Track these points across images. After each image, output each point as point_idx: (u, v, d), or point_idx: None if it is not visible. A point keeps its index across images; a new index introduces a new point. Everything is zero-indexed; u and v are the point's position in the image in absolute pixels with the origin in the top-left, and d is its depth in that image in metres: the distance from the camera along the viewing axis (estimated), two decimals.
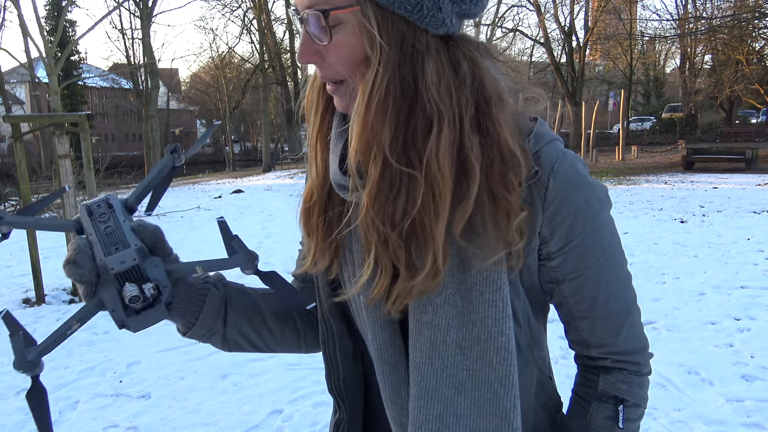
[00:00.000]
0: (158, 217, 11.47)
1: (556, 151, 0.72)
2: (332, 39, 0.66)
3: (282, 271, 0.71)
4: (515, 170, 0.68)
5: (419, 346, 0.73)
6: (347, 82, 0.70)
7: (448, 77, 0.66)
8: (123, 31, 28.08)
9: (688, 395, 3.07)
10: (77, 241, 0.67)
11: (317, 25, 0.66)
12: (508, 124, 0.68)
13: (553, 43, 29.42)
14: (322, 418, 2.99)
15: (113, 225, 0.66)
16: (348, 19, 0.65)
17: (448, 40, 0.67)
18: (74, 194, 5.46)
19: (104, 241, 0.65)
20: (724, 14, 21.85)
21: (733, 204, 9.72)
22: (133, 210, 0.71)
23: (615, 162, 20.15)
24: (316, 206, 0.79)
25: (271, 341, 0.89)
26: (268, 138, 27.72)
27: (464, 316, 0.72)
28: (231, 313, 0.83)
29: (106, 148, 40.30)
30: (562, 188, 0.71)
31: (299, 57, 0.70)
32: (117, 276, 0.63)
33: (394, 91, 0.65)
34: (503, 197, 0.67)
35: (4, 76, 27.94)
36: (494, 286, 0.71)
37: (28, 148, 26.51)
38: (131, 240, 0.65)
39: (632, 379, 0.80)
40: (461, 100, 0.66)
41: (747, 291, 4.82)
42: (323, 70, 0.71)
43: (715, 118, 33.63)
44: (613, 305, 0.77)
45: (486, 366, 0.72)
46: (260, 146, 38.37)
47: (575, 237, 0.73)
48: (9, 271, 6.95)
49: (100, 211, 0.68)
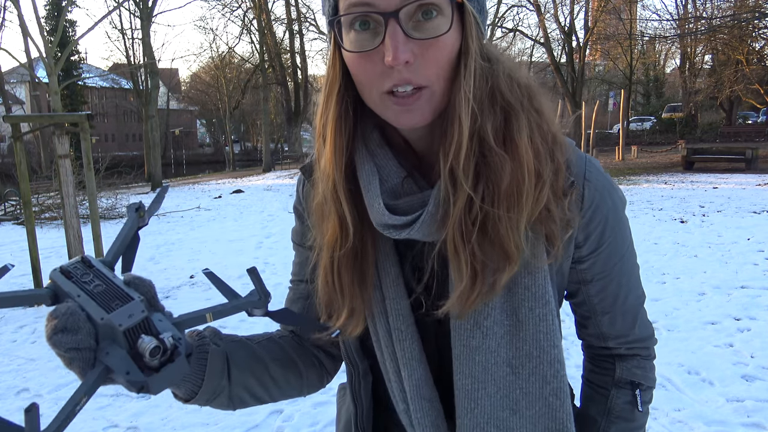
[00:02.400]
0: (158, 218, 11.47)
1: (582, 158, 0.75)
2: (450, 29, 0.64)
3: (282, 271, 0.70)
4: (562, 152, 0.71)
5: (470, 372, 0.72)
6: (428, 89, 0.65)
7: (505, 74, 0.69)
8: (123, 31, 28.08)
9: (688, 395, 3.07)
10: (62, 306, 0.57)
11: (415, 20, 0.63)
12: (550, 115, 0.72)
13: (553, 43, 29.42)
14: (322, 418, 2.99)
15: (103, 282, 0.59)
16: (449, 13, 0.64)
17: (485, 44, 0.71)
18: (74, 194, 5.46)
19: (100, 299, 0.58)
20: (724, 14, 21.85)
21: (733, 204, 9.72)
22: (113, 268, 0.65)
23: (615, 162, 20.14)
24: (350, 255, 0.74)
25: (276, 391, 0.84)
26: (268, 138, 27.68)
27: (513, 334, 0.72)
28: (234, 369, 0.77)
29: (106, 148, 40.28)
30: (596, 195, 0.74)
31: (396, 56, 0.61)
32: (126, 333, 0.56)
33: (482, 87, 0.67)
34: (552, 209, 0.69)
35: (4, 76, 27.94)
36: (543, 300, 0.71)
37: (28, 148, 26.51)
38: (131, 293, 0.59)
39: (645, 364, 0.84)
40: (519, 94, 0.70)
41: (747, 291, 4.82)
42: (411, 71, 0.64)
43: (715, 118, 33.63)
44: (631, 299, 0.81)
45: (539, 381, 0.73)
46: (260, 146, 38.36)
47: (605, 240, 0.75)
48: (9, 271, 6.94)
49: (79, 272, 0.60)
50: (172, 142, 45.82)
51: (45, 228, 10.13)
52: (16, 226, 10.62)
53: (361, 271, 0.75)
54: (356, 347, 0.81)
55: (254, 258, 7.00)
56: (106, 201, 12.16)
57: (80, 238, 5.47)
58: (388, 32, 0.62)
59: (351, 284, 0.75)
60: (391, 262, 0.76)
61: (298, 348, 0.88)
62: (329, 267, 0.75)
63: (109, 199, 12.42)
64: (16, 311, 5.16)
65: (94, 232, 5.50)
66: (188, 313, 0.63)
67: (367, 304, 0.76)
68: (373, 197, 0.70)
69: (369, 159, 0.73)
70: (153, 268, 6.81)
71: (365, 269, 0.75)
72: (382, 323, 0.76)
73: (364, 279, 0.75)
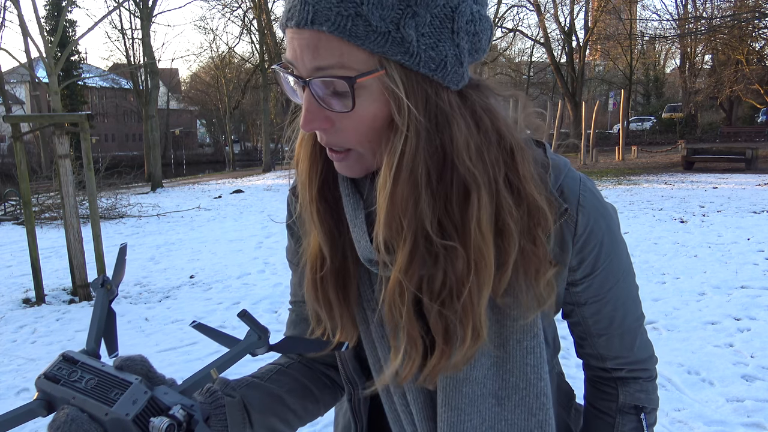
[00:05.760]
0: (158, 218, 11.48)
1: (576, 182, 0.72)
2: (355, 106, 0.59)
3: (283, 271, 0.70)
4: (543, 226, 0.66)
5: (456, 404, 0.71)
6: (355, 151, 0.65)
7: (476, 136, 0.61)
8: (123, 31, 28.08)
9: (688, 395, 3.07)
10: (60, 414, 0.53)
11: (332, 89, 0.60)
12: (533, 177, 0.65)
13: (553, 43, 29.44)
14: (322, 418, 2.98)
15: (93, 375, 0.57)
16: (370, 84, 0.59)
17: (463, 93, 0.63)
18: (74, 194, 5.46)
19: (96, 395, 0.55)
20: (724, 14, 21.86)
21: (733, 204, 9.72)
22: (97, 355, 0.62)
23: (615, 162, 20.14)
24: (331, 276, 0.72)
25: (297, 422, 0.83)
26: (268, 138, 27.67)
27: (500, 366, 0.71)
28: (254, 413, 0.76)
29: (106, 148, 40.36)
30: (590, 220, 0.71)
31: (305, 124, 0.61)
32: (135, 420, 0.54)
33: (425, 159, 0.59)
34: (532, 253, 0.66)
35: (4, 76, 27.92)
36: (531, 333, 0.70)
37: (28, 148, 26.52)
38: (127, 377, 0.56)
39: (648, 387, 0.82)
40: (491, 159, 0.62)
41: (747, 291, 4.82)
42: (331, 136, 0.63)
43: (715, 118, 33.64)
44: (629, 321, 0.78)
45: (525, 413, 0.72)
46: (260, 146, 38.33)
47: (600, 265, 0.74)
48: (9, 271, 6.94)
49: (65, 372, 0.57)
50: (172, 142, 45.78)
51: (45, 228, 10.13)
52: (16, 226, 10.62)
53: (344, 288, 0.73)
54: (354, 367, 0.80)
55: (254, 258, 7.00)
56: (106, 201, 12.16)
57: (80, 238, 5.47)
58: (304, 96, 0.61)
59: (336, 300, 0.73)
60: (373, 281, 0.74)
61: (308, 373, 0.86)
62: (311, 285, 0.74)
63: (109, 199, 12.42)
64: (16, 312, 5.16)
65: (94, 232, 5.50)
66: (192, 376, 0.61)
67: (353, 320, 0.75)
68: (360, 233, 0.69)
69: (353, 191, 0.71)
70: (153, 268, 6.81)
71: (348, 286, 0.73)
72: (369, 340, 0.76)
73: (347, 295, 0.74)
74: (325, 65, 0.58)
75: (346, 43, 0.57)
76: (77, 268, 5.49)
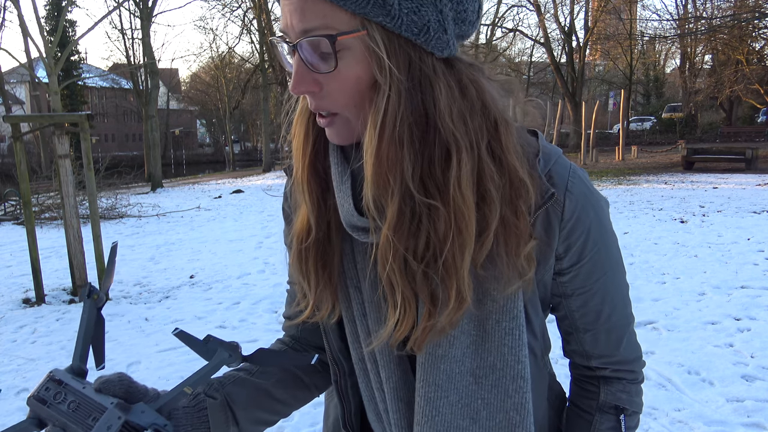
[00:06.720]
0: (158, 218, 11.48)
1: (566, 168, 0.72)
2: (338, 66, 0.62)
3: (283, 271, 0.70)
4: (524, 197, 0.67)
5: (434, 380, 0.72)
6: (342, 114, 0.67)
7: (459, 102, 0.63)
8: (123, 31, 28.05)
9: (688, 395, 3.07)
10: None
11: (318, 52, 0.62)
12: (516, 150, 0.67)
13: (553, 43, 29.44)
14: (322, 418, 2.98)
15: (75, 397, 0.61)
16: (353, 44, 0.61)
17: (450, 62, 0.65)
18: (74, 194, 5.46)
19: (75, 419, 0.60)
20: (724, 14, 21.86)
21: (733, 204, 9.72)
22: (84, 372, 0.65)
23: (615, 162, 20.14)
24: (313, 247, 0.74)
25: (286, 410, 0.86)
26: (268, 138, 27.68)
27: (478, 344, 0.72)
28: (239, 411, 0.78)
29: (106, 148, 40.37)
30: (577, 206, 0.71)
31: (294, 87, 0.65)
32: None
33: (408, 119, 0.61)
34: (513, 225, 0.67)
35: (4, 76, 27.93)
36: (511, 315, 0.70)
37: (28, 148, 26.51)
38: (104, 401, 0.60)
39: (631, 388, 0.81)
40: (475, 126, 0.64)
41: (747, 291, 4.82)
42: (319, 100, 0.66)
43: (715, 118, 33.63)
44: (616, 318, 0.78)
45: (501, 394, 0.72)
46: (260, 146, 38.35)
47: (587, 253, 0.73)
48: (9, 271, 6.95)
49: (51, 393, 0.61)
50: (172, 142, 45.79)
51: (45, 228, 10.13)
52: (16, 226, 10.63)
53: (327, 258, 0.75)
54: (339, 347, 0.81)
55: (254, 258, 7.01)
56: (106, 201, 12.16)
57: (80, 238, 5.47)
58: (294, 60, 0.64)
59: (319, 271, 0.75)
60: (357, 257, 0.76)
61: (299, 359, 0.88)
62: (296, 256, 0.76)
63: (109, 199, 12.42)
64: (16, 312, 5.16)
65: (94, 232, 5.50)
66: (168, 393, 0.65)
67: (335, 294, 0.77)
68: (344, 197, 0.70)
69: (341, 159, 0.72)
70: (153, 268, 6.82)
71: (331, 256, 0.75)
72: (350, 318, 0.77)
73: (331, 266, 0.75)
74: (310, 27, 0.61)
75: (329, 5, 0.59)
76: (77, 268, 5.49)
